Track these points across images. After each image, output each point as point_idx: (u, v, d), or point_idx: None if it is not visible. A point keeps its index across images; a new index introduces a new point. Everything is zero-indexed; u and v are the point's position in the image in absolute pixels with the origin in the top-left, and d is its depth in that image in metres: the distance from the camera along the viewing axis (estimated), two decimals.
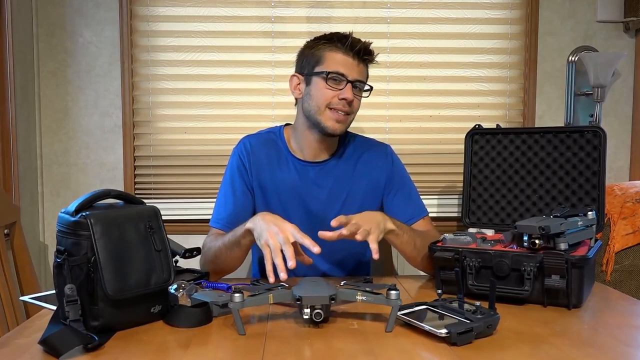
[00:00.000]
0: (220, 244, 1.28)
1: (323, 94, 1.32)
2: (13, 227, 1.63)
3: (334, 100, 1.31)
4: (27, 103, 1.95)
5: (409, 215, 1.41)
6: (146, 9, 2.01)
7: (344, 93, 1.30)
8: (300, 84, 1.38)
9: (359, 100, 1.36)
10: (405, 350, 0.85)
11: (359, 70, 1.33)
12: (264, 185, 1.41)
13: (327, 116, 1.32)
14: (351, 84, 1.31)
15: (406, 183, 1.47)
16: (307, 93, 1.35)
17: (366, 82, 1.37)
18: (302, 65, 1.38)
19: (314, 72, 1.34)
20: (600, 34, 2.08)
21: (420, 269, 1.34)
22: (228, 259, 1.28)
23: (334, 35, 1.34)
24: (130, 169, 2.04)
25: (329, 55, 1.32)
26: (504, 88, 2.09)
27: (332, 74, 1.31)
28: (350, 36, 1.33)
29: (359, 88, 1.35)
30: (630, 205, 1.76)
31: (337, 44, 1.32)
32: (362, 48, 1.32)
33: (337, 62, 1.31)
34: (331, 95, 1.31)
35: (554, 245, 1.08)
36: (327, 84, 1.31)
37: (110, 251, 0.90)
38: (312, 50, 1.36)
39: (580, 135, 1.41)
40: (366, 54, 1.33)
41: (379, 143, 1.52)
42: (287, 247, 1.04)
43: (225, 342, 0.89)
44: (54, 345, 0.82)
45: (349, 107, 1.32)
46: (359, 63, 1.33)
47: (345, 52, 1.31)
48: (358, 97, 1.35)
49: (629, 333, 0.94)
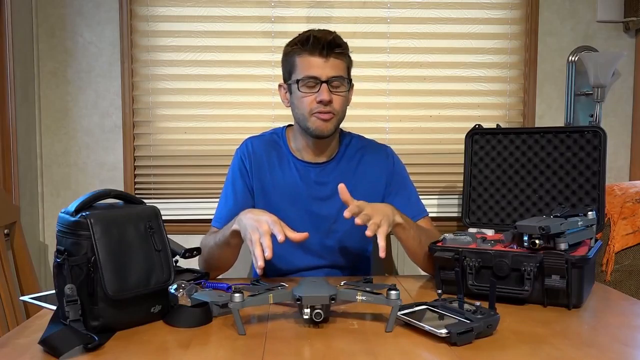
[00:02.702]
0: (212, 243, 1.30)
1: (303, 102, 1.31)
2: (13, 227, 1.63)
3: (314, 106, 1.30)
4: (27, 103, 1.95)
5: (410, 215, 1.41)
6: (146, 9, 2.01)
7: (320, 95, 1.28)
8: (287, 92, 1.38)
9: (341, 96, 1.32)
10: (405, 350, 0.85)
11: (331, 66, 1.29)
12: (265, 186, 1.41)
13: (312, 121, 1.32)
14: (326, 83, 1.28)
15: (406, 184, 1.47)
16: (292, 102, 1.36)
17: (346, 74, 1.33)
18: (283, 73, 1.39)
19: (290, 81, 1.34)
20: (600, 34, 2.08)
21: (421, 267, 1.34)
22: (221, 257, 1.31)
23: (298, 38, 1.32)
24: (130, 169, 2.04)
25: (299, 60, 1.31)
26: (504, 88, 2.09)
27: (304, 79, 1.30)
28: (312, 35, 1.29)
29: (339, 83, 1.31)
30: (630, 205, 1.76)
31: (302, 46, 1.30)
32: (325, 44, 1.27)
33: (307, 65, 1.29)
34: (310, 100, 1.30)
35: (554, 245, 1.08)
36: (302, 91, 1.30)
37: (110, 251, 0.90)
38: (287, 57, 1.35)
39: (580, 135, 1.41)
40: (334, 47, 1.29)
41: (380, 144, 1.52)
42: (265, 238, 1.09)
43: (225, 342, 0.89)
44: (54, 345, 0.82)
45: (329, 107, 1.30)
46: (328, 59, 1.28)
47: (311, 52, 1.29)
48: (339, 94, 1.31)
49: (629, 333, 0.94)
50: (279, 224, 1.11)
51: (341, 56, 1.31)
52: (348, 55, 1.35)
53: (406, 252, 1.32)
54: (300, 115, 1.34)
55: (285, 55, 1.36)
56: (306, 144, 1.40)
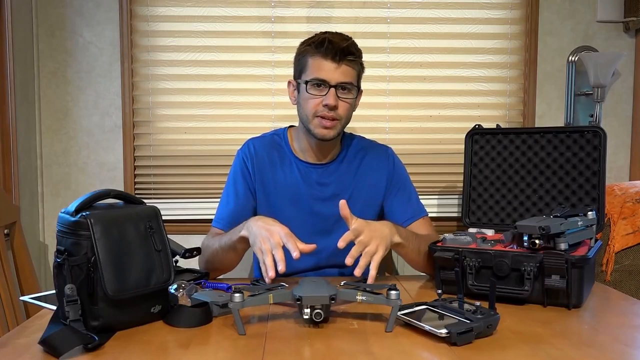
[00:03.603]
0: (217, 246, 1.29)
1: (309, 103, 1.32)
2: (13, 227, 1.63)
3: (319, 108, 1.30)
4: (27, 103, 1.95)
5: (409, 215, 1.42)
6: (146, 9, 2.01)
7: (326, 99, 1.28)
8: (295, 90, 1.38)
9: (348, 103, 1.32)
10: (405, 350, 0.85)
11: (342, 72, 1.29)
12: (267, 186, 1.41)
13: (315, 124, 1.32)
14: (334, 88, 1.29)
15: (406, 185, 1.48)
16: (299, 101, 1.36)
17: (356, 81, 1.34)
18: (294, 71, 1.39)
19: (299, 80, 1.34)
20: (600, 34, 2.08)
21: (421, 272, 1.34)
22: (224, 260, 1.31)
23: (314, 39, 1.32)
24: (130, 169, 2.04)
25: (311, 61, 1.31)
26: (504, 88, 2.09)
27: (313, 80, 1.30)
28: (327, 39, 1.29)
29: (348, 89, 1.32)
30: (630, 205, 1.76)
31: (316, 48, 1.29)
32: (339, 50, 1.28)
33: (318, 68, 1.29)
34: (316, 103, 1.30)
35: (554, 245, 1.08)
36: (310, 92, 1.31)
37: (110, 251, 0.90)
38: (299, 56, 1.35)
39: (580, 135, 1.41)
40: (347, 54, 1.29)
41: (380, 145, 1.52)
42: (277, 251, 1.07)
43: (225, 342, 0.89)
44: (54, 345, 0.82)
45: (334, 113, 1.30)
46: (340, 65, 1.29)
47: (325, 56, 1.28)
48: (346, 100, 1.32)
49: (629, 333, 0.94)
50: (293, 237, 1.09)
51: (353, 63, 1.31)
52: (360, 63, 1.35)
53: (405, 261, 1.32)
54: (304, 116, 1.34)
55: (299, 54, 1.36)
56: (309, 146, 1.41)
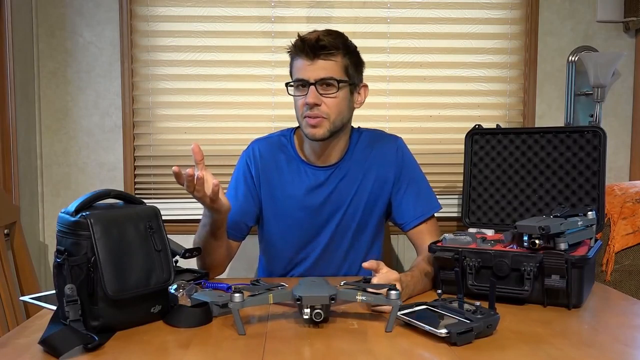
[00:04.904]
0: (198, 239, 1.32)
1: (296, 105, 1.32)
2: (13, 227, 1.63)
3: (304, 108, 1.29)
4: (27, 103, 1.95)
5: (418, 213, 1.38)
6: (146, 9, 2.01)
7: (305, 98, 1.27)
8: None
9: (333, 98, 1.27)
10: (405, 350, 0.85)
11: (319, 67, 1.26)
12: (273, 190, 1.39)
13: (304, 124, 1.31)
14: (314, 85, 1.26)
15: (416, 178, 1.42)
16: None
17: (340, 75, 1.28)
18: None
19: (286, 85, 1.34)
20: (600, 34, 2.08)
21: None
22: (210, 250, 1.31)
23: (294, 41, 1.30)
24: (130, 169, 2.04)
25: (294, 63, 1.31)
26: (504, 88, 2.09)
27: (295, 82, 1.30)
28: (301, 38, 1.27)
29: (331, 85, 1.27)
30: (630, 205, 1.76)
31: (295, 49, 1.29)
32: (310, 46, 1.25)
33: (297, 68, 1.29)
34: (301, 103, 1.29)
35: (554, 245, 1.08)
36: (294, 93, 1.31)
37: (110, 251, 0.90)
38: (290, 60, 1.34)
39: (580, 135, 1.41)
40: (321, 49, 1.25)
41: (390, 136, 1.46)
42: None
43: (225, 342, 0.89)
44: (54, 345, 0.82)
45: (317, 111, 1.27)
46: (315, 61, 1.25)
47: (300, 55, 1.27)
48: (330, 96, 1.27)
49: (629, 333, 0.94)
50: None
51: (332, 57, 1.26)
52: (347, 55, 1.29)
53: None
54: (297, 118, 1.34)
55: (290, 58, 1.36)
56: (311, 148, 1.38)
